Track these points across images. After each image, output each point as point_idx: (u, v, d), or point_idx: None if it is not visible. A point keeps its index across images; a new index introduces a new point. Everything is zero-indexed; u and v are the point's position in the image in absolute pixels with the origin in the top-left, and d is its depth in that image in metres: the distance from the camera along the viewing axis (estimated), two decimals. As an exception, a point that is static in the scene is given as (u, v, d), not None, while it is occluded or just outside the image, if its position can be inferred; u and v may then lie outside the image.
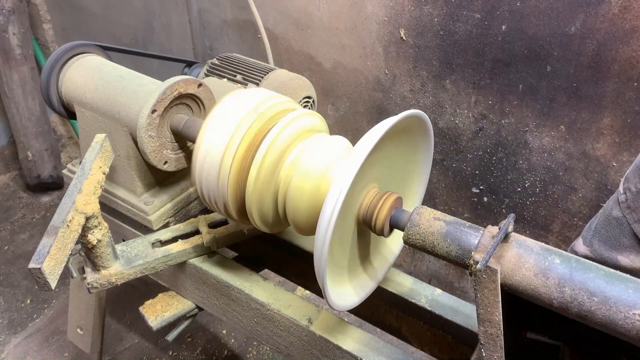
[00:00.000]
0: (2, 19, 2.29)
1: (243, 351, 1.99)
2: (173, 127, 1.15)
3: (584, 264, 0.74)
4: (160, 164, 1.16)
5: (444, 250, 0.82)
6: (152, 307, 1.20)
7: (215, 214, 1.21)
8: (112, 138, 1.16)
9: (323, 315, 1.03)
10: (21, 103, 2.48)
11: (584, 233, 1.05)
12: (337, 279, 0.93)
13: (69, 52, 1.26)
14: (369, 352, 0.96)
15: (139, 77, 1.21)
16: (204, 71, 1.46)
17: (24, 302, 2.14)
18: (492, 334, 0.75)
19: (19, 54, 2.39)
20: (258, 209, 0.96)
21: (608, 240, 0.99)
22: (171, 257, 1.13)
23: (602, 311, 0.69)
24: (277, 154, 0.93)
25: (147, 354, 1.96)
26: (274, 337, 1.09)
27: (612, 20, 1.38)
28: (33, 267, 0.84)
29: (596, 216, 1.05)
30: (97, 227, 0.98)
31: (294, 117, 0.95)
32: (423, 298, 1.12)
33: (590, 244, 1.02)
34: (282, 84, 1.34)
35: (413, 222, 0.85)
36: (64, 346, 1.96)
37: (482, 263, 0.72)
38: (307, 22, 2.05)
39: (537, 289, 0.74)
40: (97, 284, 1.04)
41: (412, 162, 1.03)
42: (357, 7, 1.85)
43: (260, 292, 1.09)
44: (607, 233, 0.99)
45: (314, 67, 2.13)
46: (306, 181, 0.90)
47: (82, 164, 1.02)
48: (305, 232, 0.96)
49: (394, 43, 1.82)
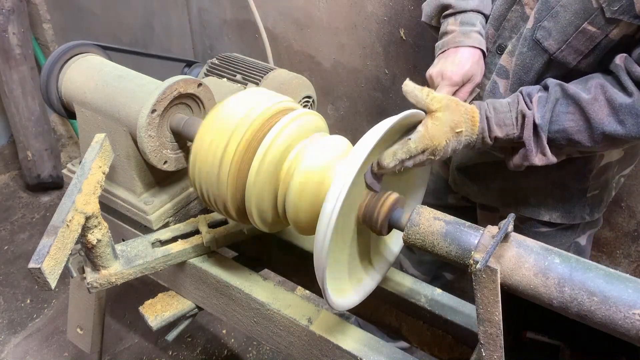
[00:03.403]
0: (2, 18, 2.29)
1: (243, 351, 1.99)
2: (173, 127, 1.15)
3: (583, 263, 0.74)
4: (160, 164, 1.16)
5: (443, 250, 0.82)
6: (151, 307, 1.20)
7: (215, 214, 1.21)
8: (112, 138, 1.16)
9: (323, 315, 1.03)
10: (21, 103, 2.48)
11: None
12: (337, 279, 0.93)
13: (68, 52, 1.26)
14: (368, 352, 0.96)
15: (139, 76, 1.21)
16: (204, 71, 1.46)
17: (23, 302, 2.14)
18: (492, 333, 0.75)
19: (18, 54, 2.39)
20: (258, 209, 0.96)
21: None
22: (171, 257, 1.13)
23: (602, 311, 0.70)
24: (277, 153, 0.93)
25: (147, 353, 1.96)
26: (274, 336, 1.10)
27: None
28: (33, 267, 0.84)
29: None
30: (97, 227, 0.98)
31: (293, 117, 0.95)
32: (423, 298, 1.12)
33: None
34: (282, 84, 1.34)
35: (413, 222, 0.85)
36: (63, 346, 1.96)
37: (482, 263, 0.72)
38: (307, 21, 2.05)
39: (537, 289, 0.74)
40: (97, 284, 1.04)
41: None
42: (357, 7, 1.86)
43: (260, 291, 1.09)
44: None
45: (313, 67, 2.13)
46: (306, 181, 0.90)
47: (82, 163, 1.02)
48: (305, 232, 0.96)
49: (393, 43, 1.82)
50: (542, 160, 1.02)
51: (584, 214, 1.27)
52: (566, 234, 1.31)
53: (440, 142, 0.93)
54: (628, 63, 0.96)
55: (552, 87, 1.00)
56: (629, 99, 0.94)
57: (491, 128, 1.00)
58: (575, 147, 1.02)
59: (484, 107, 1.01)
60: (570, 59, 1.04)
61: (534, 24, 1.06)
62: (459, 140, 0.97)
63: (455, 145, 0.97)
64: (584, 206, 1.26)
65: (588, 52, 1.02)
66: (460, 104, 0.98)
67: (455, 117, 0.95)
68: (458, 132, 0.95)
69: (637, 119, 0.94)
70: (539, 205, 1.27)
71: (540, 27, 1.05)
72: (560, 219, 1.27)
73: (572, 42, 1.02)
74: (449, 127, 0.94)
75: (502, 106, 1.01)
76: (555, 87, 1.00)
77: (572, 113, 0.98)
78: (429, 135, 0.92)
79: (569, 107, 0.99)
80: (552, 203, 1.26)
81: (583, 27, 1.00)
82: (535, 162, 1.02)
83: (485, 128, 0.99)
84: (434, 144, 0.92)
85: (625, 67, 0.96)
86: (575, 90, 0.98)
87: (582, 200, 1.25)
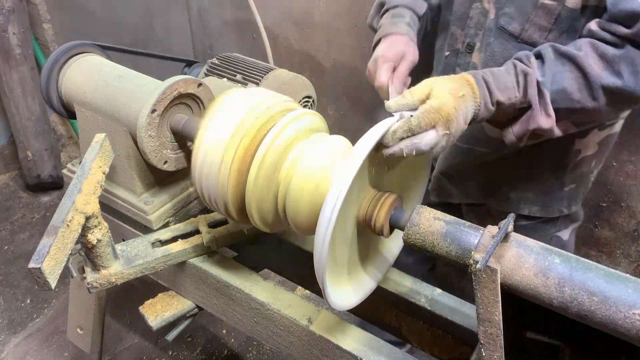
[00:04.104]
0: (2, 18, 2.29)
1: (243, 351, 1.99)
2: (173, 127, 1.15)
3: (583, 263, 0.74)
4: (160, 164, 1.16)
5: (443, 250, 0.82)
6: (152, 306, 1.20)
7: (215, 214, 1.21)
8: (112, 138, 1.16)
9: (323, 315, 1.03)
10: (21, 103, 2.47)
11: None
12: (337, 279, 0.93)
13: (69, 52, 1.26)
14: (369, 351, 0.96)
15: (139, 76, 1.21)
16: (204, 71, 1.46)
17: (23, 302, 2.14)
18: (492, 333, 0.75)
19: (18, 54, 2.39)
20: (258, 209, 0.96)
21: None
22: (171, 256, 1.13)
23: (602, 311, 0.70)
24: (277, 153, 0.93)
25: (147, 353, 1.96)
26: (274, 336, 1.10)
27: (612, 20, 1.38)
28: (33, 267, 0.84)
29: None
30: (97, 226, 0.98)
31: (294, 117, 0.95)
32: (423, 298, 1.12)
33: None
34: (282, 84, 1.35)
35: (413, 222, 0.85)
36: (63, 346, 1.96)
37: (482, 263, 0.72)
38: (307, 21, 2.05)
39: (537, 289, 0.74)
40: (97, 284, 1.04)
41: (411, 161, 1.03)
42: (357, 7, 1.86)
43: (260, 291, 1.09)
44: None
45: (314, 67, 2.14)
46: (306, 181, 0.90)
47: (82, 163, 1.02)
48: (305, 232, 0.96)
49: (394, 43, 1.81)
50: (547, 121, 0.98)
51: (561, 207, 1.29)
52: (545, 227, 1.34)
53: (449, 110, 0.88)
54: (604, 25, 0.96)
55: (545, 49, 0.99)
56: (620, 49, 0.94)
57: (492, 92, 0.96)
58: (577, 115, 1.00)
59: (479, 73, 0.98)
60: (536, 37, 1.06)
61: (496, 13, 1.09)
62: (466, 105, 0.92)
63: (465, 113, 0.92)
64: (561, 199, 1.28)
65: (551, 26, 1.04)
66: (449, 76, 0.95)
67: (450, 84, 0.92)
68: (461, 97, 0.91)
69: (633, 67, 0.93)
70: (518, 200, 1.29)
71: (501, 14, 1.08)
72: (539, 213, 1.30)
73: (533, 19, 1.04)
74: (450, 95, 0.90)
75: (500, 71, 0.99)
76: (548, 48, 0.99)
77: (570, 71, 0.96)
78: (433, 109, 0.88)
79: (565, 65, 0.97)
80: (531, 197, 1.28)
81: (540, 2, 1.02)
82: (542, 123, 0.98)
83: (486, 93, 0.96)
84: (442, 116, 0.88)
85: (603, 28, 0.96)
86: (568, 49, 0.97)
87: (560, 194, 1.27)
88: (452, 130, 0.90)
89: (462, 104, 0.91)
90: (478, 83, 0.95)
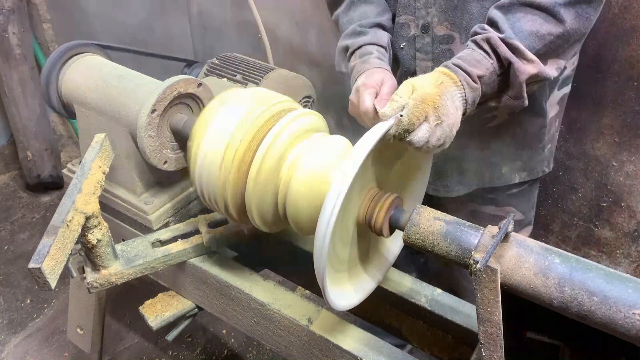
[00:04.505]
0: (2, 18, 2.29)
1: (243, 351, 1.99)
2: (173, 127, 1.15)
3: (583, 263, 0.74)
4: (160, 164, 1.16)
5: (444, 250, 0.82)
6: (152, 306, 1.20)
7: (215, 214, 1.21)
8: (112, 138, 1.16)
9: (323, 315, 1.03)
10: (21, 103, 2.48)
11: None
12: (337, 279, 0.93)
13: (69, 52, 1.26)
14: (369, 351, 0.96)
15: (139, 76, 1.21)
16: (204, 71, 1.46)
17: (23, 302, 2.14)
18: (492, 333, 0.75)
19: (18, 54, 2.39)
20: (258, 209, 0.96)
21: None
22: (171, 257, 1.13)
23: (602, 311, 0.70)
24: (277, 153, 0.93)
25: (147, 353, 1.96)
26: (274, 336, 1.10)
27: (612, 20, 1.38)
28: (33, 267, 0.84)
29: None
30: (97, 226, 0.98)
31: (294, 117, 0.95)
32: (423, 298, 1.12)
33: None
34: (282, 84, 1.35)
35: (413, 221, 0.85)
36: (63, 346, 1.96)
37: (482, 263, 0.72)
38: (307, 21, 2.05)
39: (537, 289, 0.74)
40: (97, 284, 1.04)
41: (412, 161, 1.03)
42: (357, 7, 1.85)
43: (260, 291, 1.09)
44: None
45: (314, 67, 2.13)
46: (306, 181, 0.90)
47: (82, 163, 1.02)
48: (305, 232, 0.96)
49: (394, 43, 1.81)
50: (532, 67, 0.99)
51: (543, 167, 1.38)
52: (532, 188, 1.43)
53: (434, 98, 0.90)
54: None
55: (491, 12, 1.02)
56: None
57: (468, 71, 0.97)
58: (555, 46, 1.01)
59: (448, 62, 1.00)
60: None
61: None
62: (449, 91, 0.94)
63: (452, 98, 0.94)
64: (543, 160, 1.37)
65: None
66: (420, 76, 0.98)
67: (428, 77, 0.95)
68: (441, 84, 0.94)
69: None
70: (510, 172, 1.36)
71: None
72: (527, 177, 1.37)
73: None
74: (431, 85, 0.93)
75: (465, 52, 1.01)
76: (492, 11, 1.02)
77: (524, 12, 0.99)
78: (418, 101, 0.89)
79: (517, 12, 1.00)
80: (520, 165, 1.35)
81: None
82: (528, 70, 0.99)
83: (462, 73, 0.97)
84: (429, 105, 0.89)
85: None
86: (510, 2, 1.00)
87: (542, 155, 1.36)
88: (444, 118, 0.92)
89: (443, 89, 0.94)
90: (451, 69, 0.98)
